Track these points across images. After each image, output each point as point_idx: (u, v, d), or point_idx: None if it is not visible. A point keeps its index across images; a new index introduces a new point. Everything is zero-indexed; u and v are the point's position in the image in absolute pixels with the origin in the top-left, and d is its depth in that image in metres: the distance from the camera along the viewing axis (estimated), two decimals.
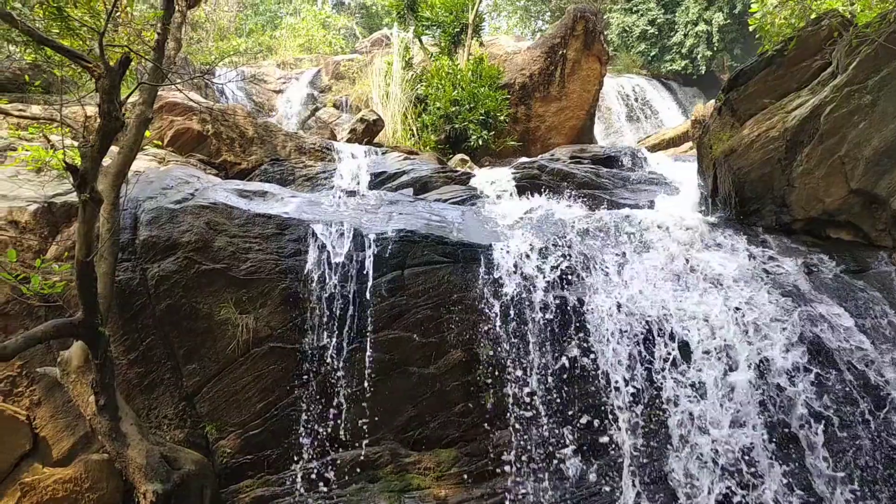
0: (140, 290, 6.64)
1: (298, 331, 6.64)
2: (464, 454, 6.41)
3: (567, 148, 11.39)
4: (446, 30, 17.00)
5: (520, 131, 15.22)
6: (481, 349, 6.52)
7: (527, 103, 15.34)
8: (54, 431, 6.56)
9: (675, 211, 7.85)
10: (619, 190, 9.49)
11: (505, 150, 14.63)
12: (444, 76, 15.06)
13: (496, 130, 14.53)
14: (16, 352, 4.88)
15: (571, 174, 9.71)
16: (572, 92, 15.31)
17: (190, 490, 5.89)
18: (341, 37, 29.38)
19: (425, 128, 14.67)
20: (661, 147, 16.71)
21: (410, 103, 15.15)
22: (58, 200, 7.08)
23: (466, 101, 14.39)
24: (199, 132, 10.21)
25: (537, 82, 15.33)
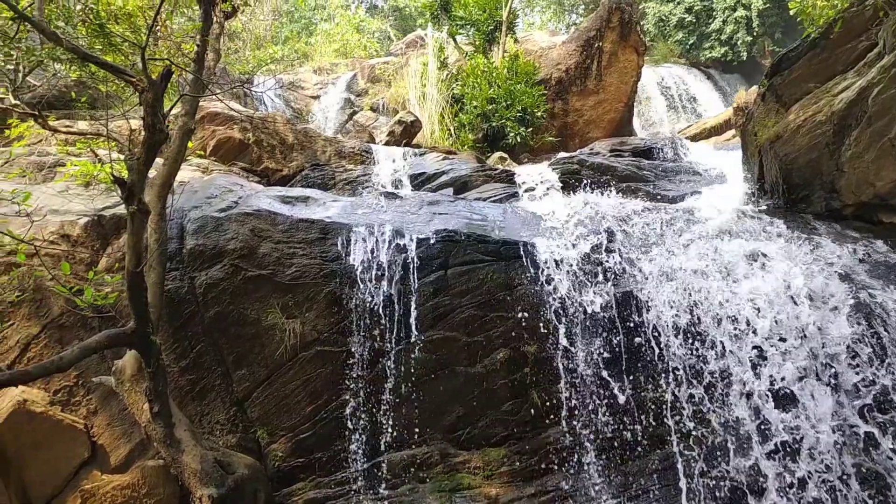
0: (189, 299, 6.76)
1: (344, 334, 6.69)
2: (513, 452, 6.39)
3: (606, 141, 11.28)
4: (480, 28, 16.97)
5: (557, 127, 15.11)
6: (528, 347, 6.48)
7: (564, 98, 15.23)
8: (111, 439, 6.72)
9: (720, 201, 7.71)
10: (661, 181, 9.36)
11: (543, 146, 14.54)
12: (479, 75, 15.04)
13: (534, 127, 14.45)
14: (72, 362, 4.99)
15: (612, 167, 9.62)
16: (610, 84, 15.15)
17: (244, 494, 5.97)
18: (376, 40, 29.51)
19: (462, 127, 14.66)
20: (703, 136, 16.43)
21: (447, 103, 15.15)
22: (107, 213, 7.24)
23: (503, 98, 14.35)
24: (240, 141, 10.35)
25: (574, 76, 15.21)
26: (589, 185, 9.25)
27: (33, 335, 6.79)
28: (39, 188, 7.69)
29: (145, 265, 5.55)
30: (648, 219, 7.16)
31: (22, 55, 8.21)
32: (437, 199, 8.07)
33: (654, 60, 26.30)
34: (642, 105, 22.17)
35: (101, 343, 5.26)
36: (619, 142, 10.92)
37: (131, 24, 8.82)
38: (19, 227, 6.27)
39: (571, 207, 7.72)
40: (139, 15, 8.89)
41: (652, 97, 23.25)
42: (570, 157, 10.32)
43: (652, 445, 6.13)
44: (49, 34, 5.05)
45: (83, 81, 10.26)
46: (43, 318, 6.80)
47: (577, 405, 6.30)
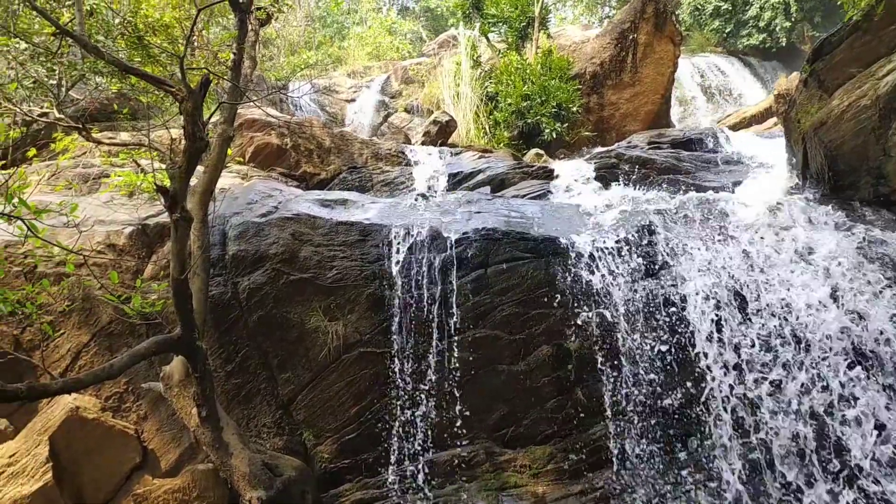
0: (233, 304, 6.84)
1: (386, 335, 6.71)
2: (559, 450, 6.35)
3: (644, 134, 11.15)
4: (512, 25, 16.91)
5: (593, 121, 14.98)
6: (570, 343, 6.44)
7: (599, 92, 15.09)
8: (161, 444, 6.83)
9: (764, 190, 7.57)
10: (702, 173, 9.21)
11: (579, 141, 14.43)
12: (513, 72, 14.98)
13: (569, 122, 14.35)
14: (122, 369, 5.08)
15: (651, 160, 9.50)
16: (646, 76, 14.97)
17: (292, 496, 6.02)
18: (408, 41, 29.60)
19: (497, 125, 14.62)
20: (743, 125, 16.15)
21: (481, 102, 15.13)
22: (151, 222, 7.37)
23: (537, 94, 14.27)
24: (278, 146, 10.45)
25: (609, 70, 15.06)
26: (627, 178, 9.16)
27: (83, 343, 6.94)
28: (85, 199, 7.86)
29: (189, 272, 5.63)
30: (690, 210, 7.06)
31: (64, 70, 8.41)
32: (475, 198, 8.05)
33: (691, 50, 25.92)
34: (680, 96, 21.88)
35: (149, 349, 5.34)
36: (657, 134, 10.78)
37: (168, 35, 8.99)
38: (67, 238, 6.42)
39: (610, 202, 7.65)
40: (176, 26, 9.06)
41: (689, 88, 22.92)
42: (608, 151, 10.22)
43: (698, 442, 6.05)
44: (91, 48, 5.15)
45: (124, 93, 10.50)
46: (92, 327, 6.94)
47: (623, 401, 6.24)
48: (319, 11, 31.51)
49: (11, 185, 3.82)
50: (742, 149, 10.10)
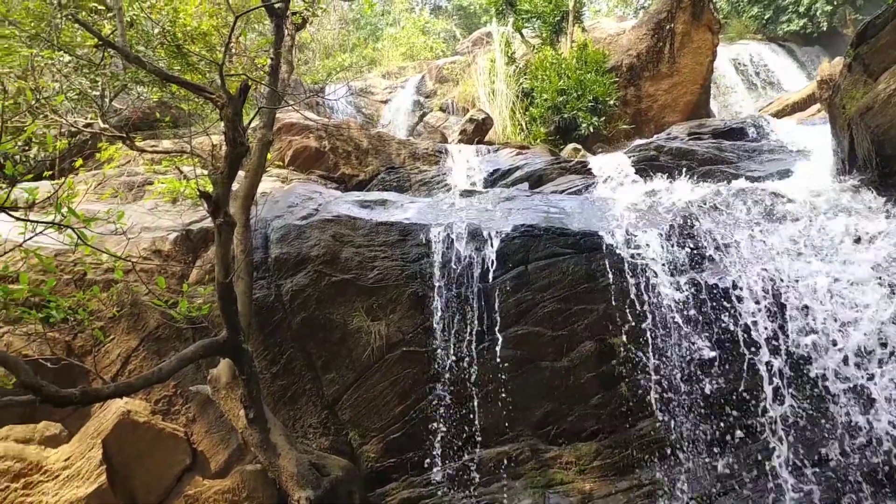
0: (276, 306, 6.92)
1: (429, 333, 6.72)
2: (605, 446, 6.30)
3: (684, 125, 10.99)
4: (546, 20, 16.80)
5: (631, 114, 14.81)
6: (614, 339, 6.38)
7: (636, 84, 14.91)
8: (210, 445, 6.94)
9: (809, 178, 7.41)
10: (745, 163, 9.04)
11: (617, 134, 14.28)
12: (548, 67, 14.90)
13: (606, 116, 14.21)
14: (170, 373, 5.17)
15: (691, 151, 9.36)
16: (684, 67, 14.75)
17: (339, 495, 6.08)
18: (441, 40, 29.59)
19: (534, 121, 14.55)
20: (786, 113, 15.81)
21: (517, 98, 15.07)
22: (194, 227, 7.49)
23: (573, 89, 14.17)
24: (316, 149, 10.54)
25: (645, 61, 14.87)
26: (668, 170, 9.04)
27: (133, 348, 7.08)
28: (131, 207, 8.02)
29: (234, 276, 5.70)
30: (733, 200, 6.94)
31: (107, 81, 8.58)
32: (513, 195, 8.02)
33: (729, 38, 25.44)
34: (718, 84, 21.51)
35: (196, 353, 5.43)
36: (697, 124, 10.62)
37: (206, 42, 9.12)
38: (114, 245, 6.56)
39: (650, 194, 7.56)
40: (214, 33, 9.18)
41: (729, 76, 22.51)
42: (647, 143, 10.09)
43: (745, 438, 5.95)
44: (133, 58, 5.25)
45: (165, 102, 10.68)
46: (140, 332, 7.08)
47: (668, 397, 6.16)
48: (353, 14, 31.66)
49: (61, 195, 3.91)
50: (785, 137, 9.89)
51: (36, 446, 6.82)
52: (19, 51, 7.94)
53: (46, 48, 7.88)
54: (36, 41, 8.03)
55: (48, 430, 6.91)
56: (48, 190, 7.60)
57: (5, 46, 7.97)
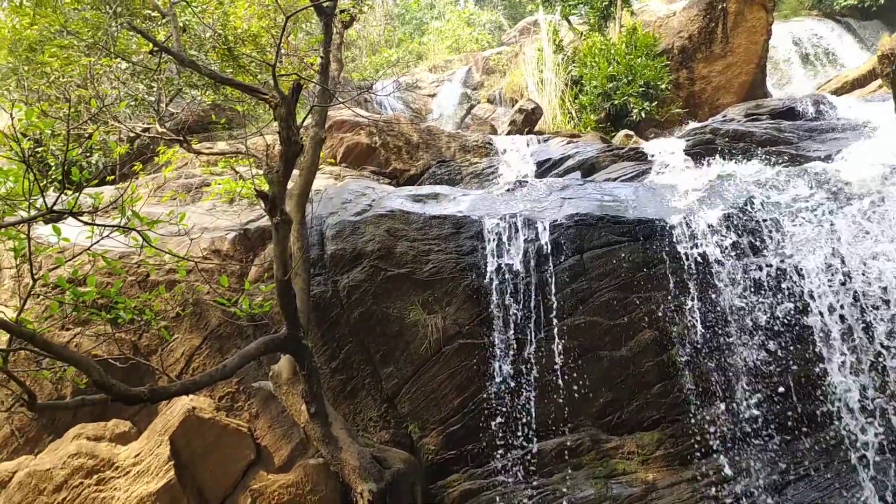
0: (334, 302, 7.00)
1: (485, 325, 6.72)
2: (668, 436, 6.22)
3: (740, 106, 10.72)
4: (594, 5, 16.58)
5: (684, 97, 14.53)
6: (674, 326, 6.29)
7: (688, 66, 14.62)
8: (273, 440, 7.05)
9: (873, 155, 7.16)
10: (805, 142, 8.79)
11: (670, 118, 14.03)
12: (596, 53, 14.71)
13: (658, 100, 13.97)
14: (234, 370, 5.28)
15: (749, 133, 9.13)
16: (738, 46, 14.39)
17: (401, 488, 6.12)
18: (487, 32, 29.46)
19: (583, 109, 14.39)
20: (845, 90, 15.30)
21: (566, 86, 14.92)
22: (251, 226, 7.62)
23: (623, 74, 13.97)
24: (367, 145, 10.62)
25: (697, 43, 14.56)
26: (724, 154, 8.84)
27: (196, 346, 7.24)
28: (189, 208, 8.19)
29: (291, 273, 5.78)
30: (795, 182, 6.76)
31: (163, 85, 8.78)
32: (566, 184, 7.95)
33: (784, 15, 24.73)
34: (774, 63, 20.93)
35: (258, 350, 5.53)
36: (753, 105, 10.34)
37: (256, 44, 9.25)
38: (175, 246, 6.71)
39: (707, 178, 7.41)
40: (263, 35, 9.31)
41: (785, 55, 21.90)
42: (702, 126, 9.88)
43: (814, 427, 5.81)
44: (188, 63, 5.36)
45: (218, 104, 10.88)
46: (203, 330, 7.24)
47: (732, 384, 6.05)
48: (398, 9, 31.76)
49: (125, 198, 4.02)
50: (846, 114, 9.58)
51: (107, 443, 7.04)
52: (78, 60, 8.18)
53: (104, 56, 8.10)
54: (94, 50, 8.26)
55: (118, 428, 7.13)
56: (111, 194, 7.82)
57: (65, 56, 8.22)
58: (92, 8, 8.78)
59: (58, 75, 8.41)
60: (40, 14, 8.12)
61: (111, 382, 4.27)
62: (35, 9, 8.06)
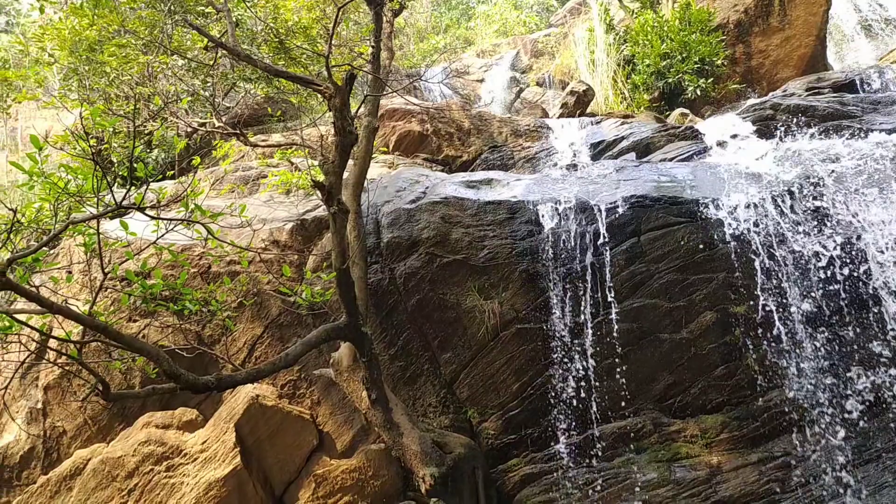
0: (391, 289, 7.06)
1: (542, 310, 6.70)
2: (732, 418, 6.12)
3: (800, 80, 10.42)
4: None
5: (741, 73, 14.15)
6: (736, 307, 6.17)
7: (745, 41, 14.22)
8: (335, 426, 7.17)
9: None
10: (870, 115, 8.48)
11: (727, 95, 13.70)
12: (649, 31, 14.42)
13: (714, 77, 13.64)
14: (296, 358, 5.37)
15: (810, 107, 8.86)
16: (796, 18, 13.93)
17: (462, 472, 6.17)
18: (534, 13, 29.16)
19: (636, 88, 14.15)
20: None
21: (618, 66, 14.69)
22: (308, 217, 7.72)
23: (677, 52, 13.68)
24: (419, 132, 10.64)
25: (754, 16, 14.15)
26: (785, 129, 8.60)
27: (257, 336, 7.40)
28: (247, 200, 8.34)
29: (349, 262, 5.85)
30: (861, 157, 6.54)
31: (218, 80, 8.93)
32: (621, 166, 7.85)
33: None
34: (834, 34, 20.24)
35: (319, 338, 5.61)
36: (814, 79, 10.04)
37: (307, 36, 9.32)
38: (235, 238, 6.85)
39: (769, 155, 7.22)
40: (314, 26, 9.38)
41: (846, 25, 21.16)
42: (762, 102, 9.62)
43: (885, 407, 5.65)
44: (244, 57, 5.44)
45: (271, 97, 11.02)
46: (264, 320, 7.38)
47: (798, 365, 5.91)
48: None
49: (188, 193, 4.11)
50: None
51: (175, 431, 7.26)
52: (136, 59, 8.36)
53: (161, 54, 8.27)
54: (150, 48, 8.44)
55: (185, 416, 7.34)
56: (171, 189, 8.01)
57: (123, 55, 8.41)
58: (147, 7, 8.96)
59: (117, 74, 8.62)
60: (99, 15, 8.31)
61: (180, 372, 4.39)
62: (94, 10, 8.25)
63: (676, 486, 5.94)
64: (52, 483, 7.35)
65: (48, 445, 7.71)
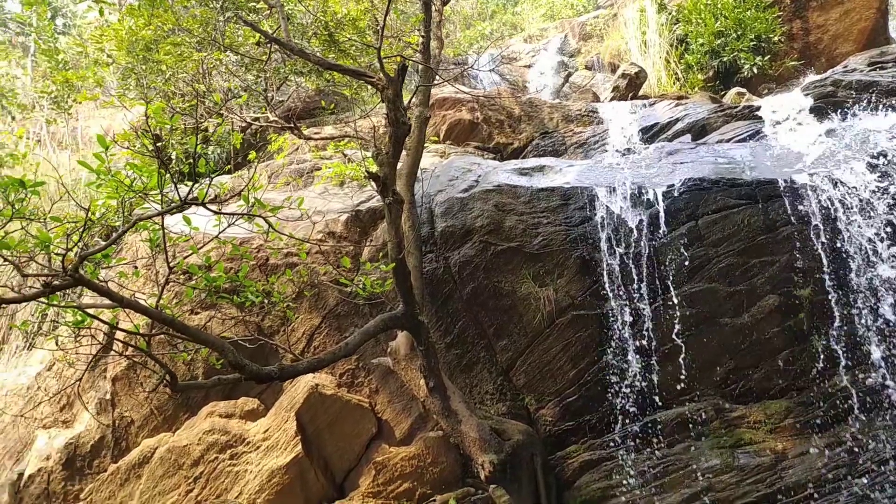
0: (446, 278, 7.09)
1: (598, 296, 6.65)
2: (797, 404, 6.00)
3: (861, 55, 10.06)
4: None
5: (798, 49, 13.74)
6: (800, 290, 6.03)
7: (802, 16, 13.80)
8: (393, 414, 7.26)
9: None
10: None
11: (784, 73, 13.32)
12: (702, 9, 14.10)
13: (771, 54, 13.28)
14: (356, 346, 5.44)
15: (874, 83, 8.56)
16: None
17: (521, 458, 6.18)
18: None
19: (689, 68, 13.87)
20: None
21: (671, 47, 14.41)
22: (363, 208, 7.80)
23: (732, 29, 13.35)
24: (470, 121, 10.63)
25: None
26: (847, 106, 8.33)
27: (315, 326, 7.51)
28: (302, 192, 8.46)
29: (405, 251, 5.89)
30: None
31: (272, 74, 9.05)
32: (676, 148, 7.72)
33: None
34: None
35: (377, 327, 5.68)
36: (877, 53, 9.67)
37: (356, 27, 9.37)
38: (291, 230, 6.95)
39: (832, 133, 7.02)
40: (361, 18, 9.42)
41: None
42: (822, 78, 9.32)
43: None
44: (297, 51, 5.51)
45: (322, 90, 11.12)
46: (321, 310, 7.49)
47: (869, 347, 5.76)
48: None
49: (248, 186, 4.20)
50: None
51: (237, 420, 7.44)
52: (190, 56, 8.53)
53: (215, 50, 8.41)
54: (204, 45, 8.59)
55: (247, 405, 7.51)
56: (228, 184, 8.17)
57: (178, 53, 8.58)
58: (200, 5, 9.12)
59: (172, 72, 8.80)
60: (154, 14, 8.49)
61: (244, 362, 4.50)
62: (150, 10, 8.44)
63: (740, 472, 5.86)
64: (121, 471, 7.61)
65: (117, 435, 7.97)
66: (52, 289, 3.34)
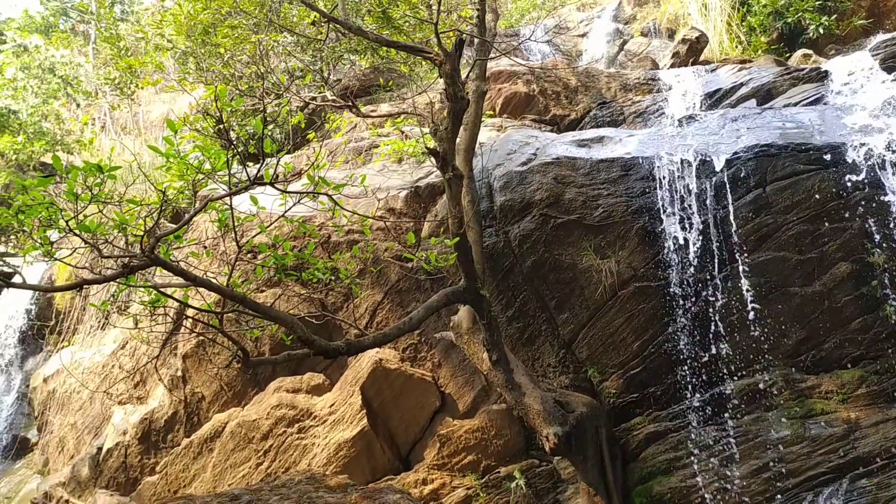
0: (506, 252, 7.09)
1: (661, 267, 6.57)
2: (871, 373, 5.86)
3: None
4: None
5: (867, 7, 13.15)
6: (873, 257, 5.85)
7: None
8: (456, 388, 7.33)
9: None
10: None
11: (852, 33, 12.79)
12: None
13: (837, 13, 12.76)
14: (420, 321, 5.51)
15: None
16: None
17: (585, 430, 6.19)
18: None
19: (752, 31, 13.43)
20: None
21: (733, 9, 13.97)
22: (421, 184, 7.83)
23: None
24: (525, 93, 10.51)
25: None
26: None
27: (378, 301, 7.62)
28: (362, 170, 8.53)
29: (465, 226, 5.91)
30: None
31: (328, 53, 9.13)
32: (741, 114, 7.50)
33: None
34: None
35: (440, 301, 5.73)
36: None
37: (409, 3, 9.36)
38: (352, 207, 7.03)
39: None
40: None
41: None
42: (892, 37, 8.94)
43: None
44: (355, 30, 5.54)
45: (377, 67, 11.16)
46: (384, 286, 7.58)
47: None
48: None
49: (312, 165, 4.26)
50: None
51: (304, 395, 7.62)
52: (248, 38, 8.65)
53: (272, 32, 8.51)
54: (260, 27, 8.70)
55: (313, 380, 7.68)
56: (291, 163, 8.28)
57: (236, 36, 8.72)
58: None
59: (231, 54, 8.95)
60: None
61: (313, 338, 4.59)
62: None
63: (812, 442, 5.76)
64: (194, 445, 7.89)
65: (189, 410, 8.26)
66: (131, 269, 3.47)
